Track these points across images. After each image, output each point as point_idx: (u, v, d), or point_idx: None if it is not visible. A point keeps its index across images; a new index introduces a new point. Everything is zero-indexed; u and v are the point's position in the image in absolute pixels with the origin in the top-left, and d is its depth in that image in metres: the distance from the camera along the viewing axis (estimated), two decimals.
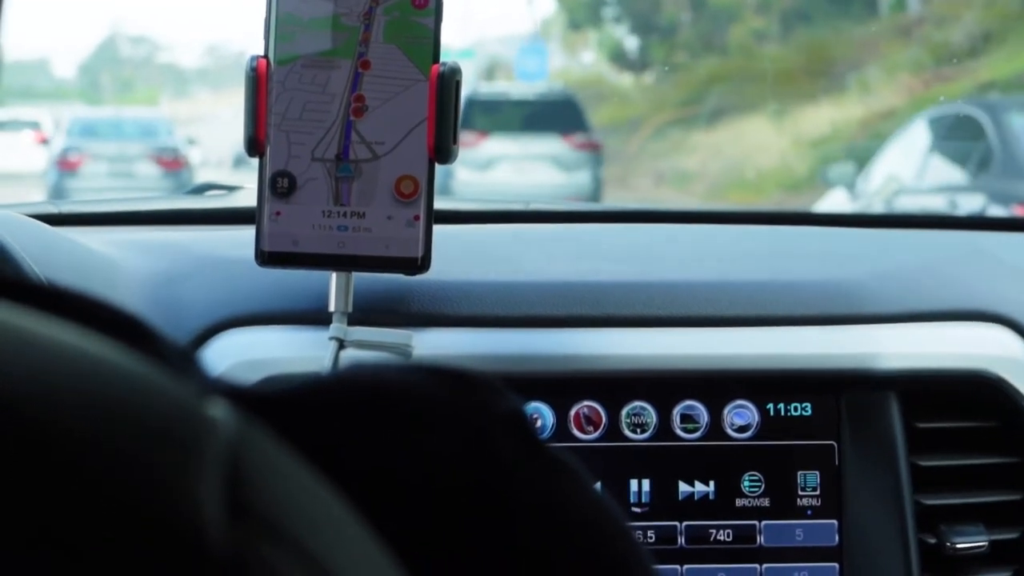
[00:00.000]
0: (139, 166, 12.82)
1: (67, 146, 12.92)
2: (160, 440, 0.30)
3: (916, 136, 6.58)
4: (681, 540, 0.99)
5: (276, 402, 0.38)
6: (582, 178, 11.27)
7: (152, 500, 0.29)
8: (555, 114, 11.73)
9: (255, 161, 0.87)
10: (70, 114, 15.11)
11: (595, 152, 11.71)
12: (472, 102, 11.54)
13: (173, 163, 13.08)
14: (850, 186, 6.60)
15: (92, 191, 11.51)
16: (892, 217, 1.28)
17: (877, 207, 6.35)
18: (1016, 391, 1.01)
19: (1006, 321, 1.04)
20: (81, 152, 12.83)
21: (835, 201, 6.63)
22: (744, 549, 0.99)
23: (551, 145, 11.38)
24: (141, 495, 0.29)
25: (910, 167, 6.41)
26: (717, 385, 1.00)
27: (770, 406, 1.00)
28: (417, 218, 0.86)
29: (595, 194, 11.34)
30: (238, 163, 20.00)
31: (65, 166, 12.70)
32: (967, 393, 1.02)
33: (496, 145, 11.23)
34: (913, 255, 1.09)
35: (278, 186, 0.86)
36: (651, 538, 0.99)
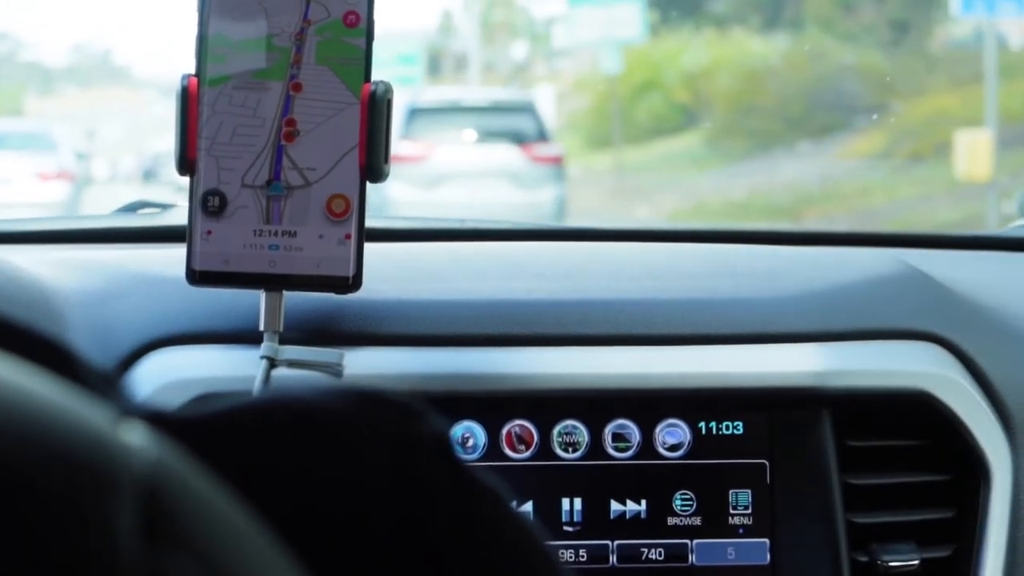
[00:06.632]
0: (25, 180, 12.95)
1: None
2: (74, 469, 0.32)
3: None
4: (613, 559, 1.14)
5: (197, 426, 0.42)
6: (543, 196, 11.20)
7: (65, 530, 0.31)
8: (512, 123, 11.66)
9: (167, 175, 1.00)
10: None
11: (558, 166, 11.64)
12: (416, 110, 11.43)
13: (60, 176, 13.26)
14: None
15: None
16: (826, 234, 1.44)
17: None
18: (948, 409, 1.16)
19: (937, 339, 1.19)
20: None
21: None
22: (676, 568, 1.15)
23: (508, 159, 11.31)
24: (54, 525, 0.31)
25: None
26: (649, 404, 1.15)
27: (702, 425, 1.16)
28: (348, 237, 0.98)
29: (558, 214, 11.27)
30: (148, 177, 20.05)
31: None
32: (899, 411, 1.17)
33: (445, 159, 11.13)
34: (845, 273, 1.24)
35: (209, 205, 0.98)
36: (583, 557, 1.14)
